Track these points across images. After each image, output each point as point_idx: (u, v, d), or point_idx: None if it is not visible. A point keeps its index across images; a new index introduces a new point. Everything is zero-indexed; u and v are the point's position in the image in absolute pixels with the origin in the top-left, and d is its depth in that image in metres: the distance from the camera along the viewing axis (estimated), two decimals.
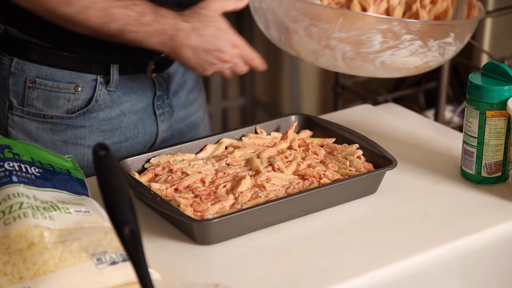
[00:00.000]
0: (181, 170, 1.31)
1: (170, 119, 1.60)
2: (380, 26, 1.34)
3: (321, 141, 1.41)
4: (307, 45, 1.40)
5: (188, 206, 1.21)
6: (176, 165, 1.32)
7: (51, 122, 1.48)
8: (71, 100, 1.47)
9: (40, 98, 1.46)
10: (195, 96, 1.67)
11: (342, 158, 1.35)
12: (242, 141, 1.40)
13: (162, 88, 1.56)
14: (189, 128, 1.67)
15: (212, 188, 1.27)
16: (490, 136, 1.34)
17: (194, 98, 1.67)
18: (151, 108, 1.55)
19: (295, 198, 1.23)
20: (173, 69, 1.58)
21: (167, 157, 1.35)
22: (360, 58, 1.38)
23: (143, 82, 1.53)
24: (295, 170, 1.32)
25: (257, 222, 1.21)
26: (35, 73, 1.45)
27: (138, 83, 1.52)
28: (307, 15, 1.36)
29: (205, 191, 1.26)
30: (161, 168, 1.32)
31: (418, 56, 1.39)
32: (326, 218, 1.25)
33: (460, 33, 1.40)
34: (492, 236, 1.25)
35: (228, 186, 1.27)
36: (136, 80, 1.52)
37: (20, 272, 1.05)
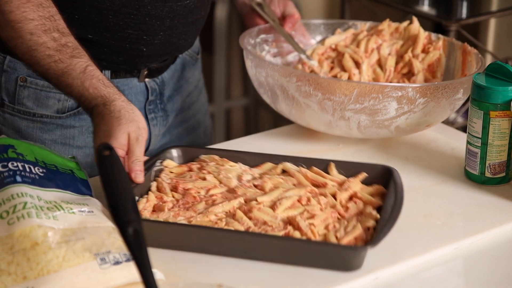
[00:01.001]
0: (206, 174, 1.29)
1: (165, 124, 1.59)
2: (396, 94, 1.35)
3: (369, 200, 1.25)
4: (321, 117, 1.41)
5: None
6: (210, 168, 1.30)
7: (41, 121, 1.48)
8: (61, 100, 1.47)
9: (30, 97, 1.46)
10: (193, 99, 1.66)
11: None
12: (301, 169, 1.30)
13: (155, 93, 1.55)
14: (187, 131, 1.66)
15: (204, 198, 1.24)
16: (494, 137, 1.34)
17: (192, 102, 1.66)
18: (143, 112, 1.54)
19: (234, 235, 1.15)
20: (168, 74, 1.57)
21: (215, 157, 1.33)
22: (375, 125, 1.39)
23: (136, 87, 1.52)
24: (287, 215, 1.20)
25: (189, 243, 1.16)
26: (27, 72, 1.45)
27: (130, 87, 1.51)
28: (320, 89, 1.36)
29: (195, 198, 1.24)
30: (197, 166, 1.31)
31: (431, 116, 1.40)
32: None
33: (468, 87, 1.40)
34: (496, 236, 1.25)
35: (217, 202, 1.23)
36: (129, 84, 1.51)
37: (24, 271, 1.06)
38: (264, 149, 1.45)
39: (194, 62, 1.65)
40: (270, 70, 1.41)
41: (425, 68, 1.53)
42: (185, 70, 1.62)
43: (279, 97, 1.43)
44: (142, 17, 1.42)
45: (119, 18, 1.41)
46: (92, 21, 1.41)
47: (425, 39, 1.56)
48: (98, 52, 1.41)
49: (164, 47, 1.49)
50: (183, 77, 1.61)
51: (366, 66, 1.55)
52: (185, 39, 1.52)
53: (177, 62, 1.59)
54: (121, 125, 1.20)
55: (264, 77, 1.43)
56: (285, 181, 1.27)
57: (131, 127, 1.21)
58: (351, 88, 1.35)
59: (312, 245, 1.12)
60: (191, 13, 1.48)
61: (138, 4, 1.41)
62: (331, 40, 1.62)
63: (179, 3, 1.45)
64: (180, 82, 1.60)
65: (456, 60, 1.51)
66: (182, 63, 1.61)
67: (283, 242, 1.13)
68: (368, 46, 1.57)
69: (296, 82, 1.38)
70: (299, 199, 1.21)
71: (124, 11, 1.41)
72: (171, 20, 1.45)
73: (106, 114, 1.22)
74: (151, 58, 1.49)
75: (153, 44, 1.46)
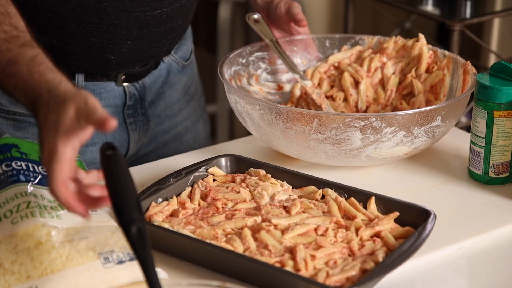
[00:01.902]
0: (242, 187, 1.27)
1: (146, 129, 1.56)
2: (358, 124, 1.31)
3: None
4: (288, 146, 1.38)
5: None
6: (249, 182, 1.29)
7: (14, 118, 1.46)
8: None
9: (4, 94, 1.43)
10: (182, 106, 1.62)
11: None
12: (337, 198, 1.25)
13: (134, 98, 1.51)
14: (174, 138, 1.63)
15: (227, 211, 1.23)
16: (498, 137, 1.34)
17: (180, 109, 1.62)
18: (121, 116, 1.51)
19: (215, 252, 1.11)
20: (149, 79, 1.53)
21: (260, 172, 1.31)
22: (343, 155, 1.36)
23: (113, 91, 1.49)
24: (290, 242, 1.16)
25: (177, 251, 1.16)
26: None
27: (107, 90, 1.48)
28: (281, 118, 1.34)
29: (217, 209, 1.23)
30: (241, 178, 1.31)
31: (405, 145, 1.35)
32: None
33: (448, 113, 1.36)
34: (500, 236, 1.25)
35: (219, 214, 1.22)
36: (106, 88, 1.48)
37: (28, 271, 1.06)
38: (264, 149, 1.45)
39: (181, 69, 1.61)
40: (237, 97, 1.40)
41: (428, 89, 1.49)
42: (170, 76, 1.58)
43: (248, 123, 1.41)
44: (106, 27, 1.38)
45: (81, 26, 1.37)
46: (55, 28, 1.37)
47: (430, 58, 1.51)
48: (65, 58, 1.39)
49: (135, 55, 1.45)
50: (167, 83, 1.57)
51: (365, 85, 1.52)
52: (160, 47, 1.48)
53: (161, 67, 1.55)
54: (66, 106, 1.01)
55: (233, 103, 1.42)
56: (316, 207, 1.24)
57: (75, 100, 1.01)
58: (310, 118, 1.32)
59: (285, 277, 1.08)
60: (164, 22, 1.43)
61: (100, 13, 1.36)
62: (335, 58, 1.59)
63: (148, 14, 1.40)
64: (163, 87, 1.56)
65: (459, 79, 1.47)
66: (167, 68, 1.57)
67: (260, 268, 1.09)
68: (371, 65, 1.54)
69: (259, 110, 1.36)
70: (316, 228, 1.18)
71: (87, 20, 1.37)
72: (139, 29, 1.41)
73: (51, 101, 1.04)
74: (121, 65, 1.46)
75: (120, 53, 1.42)
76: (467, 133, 1.52)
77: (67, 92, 1.04)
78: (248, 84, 1.56)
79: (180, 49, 1.60)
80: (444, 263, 1.19)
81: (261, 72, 1.59)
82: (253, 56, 1.58)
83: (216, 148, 1.52)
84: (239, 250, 1.13)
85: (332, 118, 1.32)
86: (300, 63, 1.61)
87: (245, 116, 1.40)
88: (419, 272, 1.16)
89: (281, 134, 1.36)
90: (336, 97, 1.54)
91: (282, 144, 1.39)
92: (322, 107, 1.52)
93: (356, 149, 1.34)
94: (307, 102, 1.56)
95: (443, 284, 1.14)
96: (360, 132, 1.32)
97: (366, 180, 1.39)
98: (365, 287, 1.06)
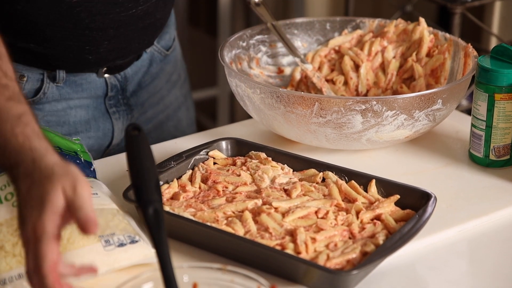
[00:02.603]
0: (243, 170, 1.27)
1: (130, 117, 1.54)
2: (359, 107, 1.31)
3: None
4: (288, 130, 1.38)
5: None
6: (250, 165, 1.29)
7: None
8: None
9: None
10: (163, 94, 1.60)
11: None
12: (338, 181, 1.25)
13: (116, 89, 1.50)
14: (155, 126, 1.61)
15: (227, 194, 1.23)
16: (499, 119, 1.34)
17: (162, 97, 1.60)
18: (103, 106, 1.50)
19: (215, 234, 1.12)
20: (131, 70, 1.51)
21: (261, 155, 1.31)
22: (344, 139, 1.36)
23: (95, 82, 1.47)
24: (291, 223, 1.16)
25: (178, 233, 1.16)
26: None
27: (88, 81, 1.46)
28: (282, 102, 1.34)
29: (218, 192, 1.23)
30: (242, 161, 1.30)
31: (405, 128, 1.35)
32: None
33: (449, 96, 1.35)
34: (500, 219, 1.25)
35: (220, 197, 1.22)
36: (87, 79, 1.46)
37: None
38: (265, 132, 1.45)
39: (163, 58, 1.58)
40: (237, 80, 1.40)
41: (428, 73, 1.49)
42: (152, 66, 1.56)
43: (249, 106, 1.41)
44: (81, 30, 1.36)
45: (56, 31, 1.35)
46: (30, 33, 1.35)
47: (430, 42, 1.51)
48: (43, 59, 1.37)
49: (114, 53, 1.43)
50: (149, 73, 1.55)
51: (365, 69, 1.52)
52: (139, 43, 1.46)
53: (144, 57, 1.53)
54: (53, 183, 0.93)
55: (234, 86, 1.41)
56: (316, 190, 1.24)
57: (64, 181, 0.94)
58: (311, 102, 1.32)
59: (286, 259, 1.08)
60: (141, 19, 1.41)
61: (74, 18, 1.33)
62: (335, 42, 1.58)
63: (123, 14, 1.37)
64: (145, 77, 1.55)
65: (460, 61, 1.47)
66: (149, 58, 1.55)
67: (260, 251, 1.09)
68: (372, 48, 1.53)
69: (260, 94, 1.36)
70: (316, 211, 1.18)
71: (61, 25, 1.34)
72: (116, 29, 1.38)
73: (36, 174, 0.95)
74: (101, 63, 1.44)
75: (98, 53, 1.40)
76: (468, 116, 1.52)
77: (54, 167, 0.95)
78: (249, 68, 1.56)
79: (163, 37, 1.57)
80: (445, 245, 1.19)
81: (262, 55, 1.59)
82: (253, 39, 1.58)
83: (216, 131, 1.52)
84: (239, 233, 1.13)
85: (333, 101, 1.32)
86: (301, 46, 1.61)
87: (245, 100, 1.40)
88: (420, 255, 1.17)
89: (281, 118, 1.36)
90: (336, 81, 1.53)
91: (282, 128, 1.39)
92: (323, 91, 1.52)
93: (357, 132, 1.34)
94: (307, 85, 1.55)
95: (444, 266, 1.15)
96: (361, 116, 1.32)
97: (367, 163, 1.39)
98: (365, 269, 1.07)
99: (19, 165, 0.96)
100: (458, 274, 1.14)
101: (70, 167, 0.95)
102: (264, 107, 1.37)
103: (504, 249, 1.19)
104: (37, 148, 0.97)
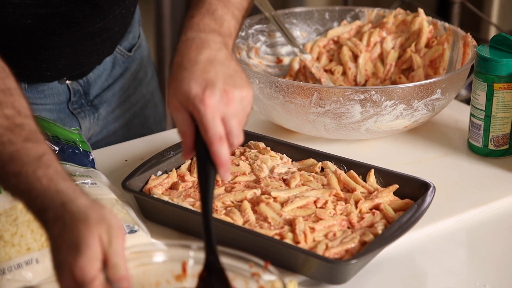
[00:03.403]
0: (242, 160, 1.27)
1: (97, 116, 1.49)
2: (358, 97, 1.30)
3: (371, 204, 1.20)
4: (287, 119, 1.38)
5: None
6: (249, 154, 1.29)
7: None
8: None
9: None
10: (130, 92, 1.56)
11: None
12: (337, 171, 1.25)
13: (79, 94, 1.45)
14: (122, 126, 1.57)
15: (226, 184, 1.23)
16: (498, 109, 1.33)
17: (128, 95, 1.56)
18: (67, 109, 1.46)
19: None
20: (94, 74, 1.47)
21: (260, 145, 1.31)
22: (342, 128, 1.35)
23: (56, 87, 1.42)
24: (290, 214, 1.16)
25: (177, 223, 1.17)
26: None
27: (50, 87, 1.42)
28: (281, 92, 1.33)
29: (216, 182, 1.22)
30: (241, 151, 1.30)
31: (404, 118, 1.35)
32: None
33: (448, 86, 1.35)
34: (499, 208, 1.25)
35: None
36: (48, 85, 1.42)
37: (28, 243, 1.06)
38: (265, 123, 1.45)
39: (126, 59, 1.53)
40: None
41: (427, 63, 1.49)
42: (115, 68, 1.51)
43: None
44: (37, 50, 1.31)
45: (12, 51, 1.28)
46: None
47: (429, 32, 1.51)
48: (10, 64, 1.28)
49: (73, 67, 1.40)
50: (112, 75, 1.51)
51: (364, 59, 1.52)
52: (98, 55, 1.42)
53: (106, 61, 1.48)
54: (90, 228, 0.90)
55: None
56: (315, 180, 1.24)
57: (100, 228, 0.90)
58: (310, 92, 1.32)
59: (285, 249, 1.08)
60: (98, 34, 1.36)
61: (29, 38, 1.29)
62: (334, 32, 1.58)
63: (79, 32, 1.32)
64: (108, 80, 1.51)
65: (459, 51, 1.46)
66: (111, 61, 1.50)
67: (259, 241, 1.09)
68: (371, 39, 1.53)
69: (259, 84, 1.36)
70: (315, 201, 1.18)
71: (16, 45, 1.30)
72: (72, 47, 1.34)
73: (68, 217, 0.91)
74: (60, 76, 1.41)
75: (56, 69, 1.37)
76: (467, 105, 1.52)
77: (87, 211, 0.91)
78: (248, 57, 1.56)
79: (126, 38, 1.52)
80: (443, 235, 1.19)
81: (261, 45, 1.59)
82: (252, 29, 1.57)
83: None
84: (238, 223, 1.13)
85: (332, 91, 1.32)
86: (300, 36, 1.61)
87: None
88: (418, 244, 1.17)
89: (280, 108, 1.36)
90: (334, 71, 1.53)
91: (281, 118, 1.39)
92: (322, 81, 1.52)
93: (356, 122, 1.34)
94: (305, 76, 1.55)
95: (442, 256, 1.15)
96: (360, 106, 1.32)
97: (366, 153, 1.39)
98: (364, 259, 1.07)
99: (47, 210, 0.92)
100: (456, 264, 1.14)
101: (105, 211, 0.92)
102: (263, 97, 1.37)
103: (503, 238, 1.19)
104: (64, 190, 0.93)
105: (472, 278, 1.11)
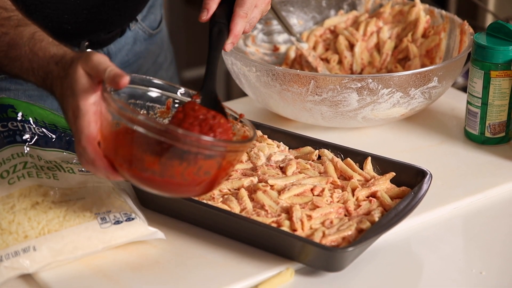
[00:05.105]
0: None
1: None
2: (354, 85, 1.30)
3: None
4: (284, 108, 1.38)
5: None
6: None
7: None
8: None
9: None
10: (150, 75, 1.53)
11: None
12: (334, 159, 1.25)
13: None
14: None
15: None
16: (494, 97, 1.34)
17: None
18: None
19: (208, 212, 1.12)
20: (115, 46, 1.49)
21: (257, 133, 1.30)
22: (339, 117, 1.35)
23: None
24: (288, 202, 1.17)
25: (175, 211, 1.18)
26: None
27: None
28: (278, 80, 1.33)
29: None
30: None
31: (401, 106, 1.35)
32: None
33: (444, 74, 1.35)
34: (496, 196, 1.25)
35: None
36: None
37: (25, 231, 1.06)
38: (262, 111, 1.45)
39: (148, 37, 1.56)
40: (233, 58, 1.39)
41: (423, 53, 1.49)
42: (136, 44, 1.53)
43: (245, 84, 1.41)
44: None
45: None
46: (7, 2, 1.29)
47: (426, 23, 1.51)
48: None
49: (93, 24, 1.40)
50: (132, 51, 1.53)
51: (360, 48, 1.52)
52: (120, 15, 1.43)
53: (127, 35, 1.51)
54: (74, 67, 1.02)
55: (230, 64, 1.41)
56: (312, 168, 1.24)
57: (81, 61, 1.02)
58: (307, 80, 1.32)
59: (282, 237, 1.08)
60: None
61: None
62: (331, 21, 1.58)
63: None
64: (128, 56, 1.52)
65: (456, 39, 1.47)
66: (133, 36, 1.52)
67: (256, 228, 1.10)
68: (367, 29, 1.53)
69: (256, 72, 1.36)
70: (312, 188, 1.18)
71: None
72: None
73: (61, 71, 1.04)
74: (80, 35, 1.42)
75: (77, 23, 1.37)
76: (463, 93, 1.52)
77: (73, 57, 1.03)
78: (245, 45, 1.56)
79: (148, 17, 1.55)
80: (440, 222, 1.19)
81: (257, 32, 1.59)
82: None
83: None
84: (235, 211, 1.13)
85: (329, 79, 1.31)
86: (296, 24, 1.60)
87: (241, 78, 1.40)
88: (415, 232, 1.17)
89: (277, 96, 1.36)
90: (330, 60, 1.53)
91: (278, 106, 1.39)
92: (318, 70, 1.52)
93: (352, 110, 1.34)
94: (301, 64, 1.55)
95: (439, 243, 1.15)
96: (356, 94, 1.32)
97: (363, 141, 1.39)
98: (361, 246, 1.07)
99: (48, 75, 1.05)
100: (453, 251, 1.15)
101: (85, 52, 1.05)
102: (260, 85, 1.37)
103: (499, 226, 1.20)
104: (56, 53, 1.06)
105: (469, 265, 1.11)
